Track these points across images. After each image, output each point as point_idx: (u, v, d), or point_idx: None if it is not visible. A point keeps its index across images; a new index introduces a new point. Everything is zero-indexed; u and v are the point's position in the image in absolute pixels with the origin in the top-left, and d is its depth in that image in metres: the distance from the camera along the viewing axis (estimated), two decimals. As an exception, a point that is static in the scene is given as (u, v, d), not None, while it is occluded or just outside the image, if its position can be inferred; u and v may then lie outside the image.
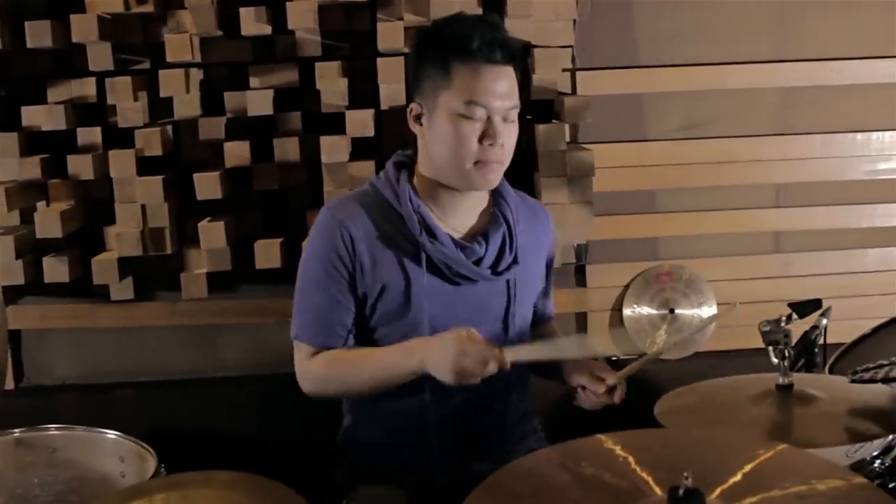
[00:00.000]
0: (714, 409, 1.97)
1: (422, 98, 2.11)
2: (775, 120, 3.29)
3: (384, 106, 2.88)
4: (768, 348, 2.01)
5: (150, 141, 2.87)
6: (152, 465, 2.13)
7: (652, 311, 3.30)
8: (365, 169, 2.87)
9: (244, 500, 1.52)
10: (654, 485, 1.42)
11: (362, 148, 2.92)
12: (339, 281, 2.11)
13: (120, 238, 2.91)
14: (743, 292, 3.30)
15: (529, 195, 2.42)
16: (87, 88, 2.95)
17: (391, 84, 2.84)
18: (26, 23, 2.80)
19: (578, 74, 3.15)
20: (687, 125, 3.27)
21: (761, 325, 2.02)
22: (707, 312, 3.29)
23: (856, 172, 3.31)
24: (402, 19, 2.86)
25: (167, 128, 2.96)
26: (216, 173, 2.86)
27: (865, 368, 1.90)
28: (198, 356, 3.20)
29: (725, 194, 3.31)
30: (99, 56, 2.88)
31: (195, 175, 2.86)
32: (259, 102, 2.88)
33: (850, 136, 3.29)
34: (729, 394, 2.02)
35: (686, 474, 1.32)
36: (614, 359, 3.10)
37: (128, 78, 2.88)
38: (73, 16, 2.80)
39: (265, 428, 3.09)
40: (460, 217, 2.18)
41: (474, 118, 2.04)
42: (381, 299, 2.13)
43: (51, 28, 2.79)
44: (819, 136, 3.29)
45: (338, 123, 2.89)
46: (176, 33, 2.90)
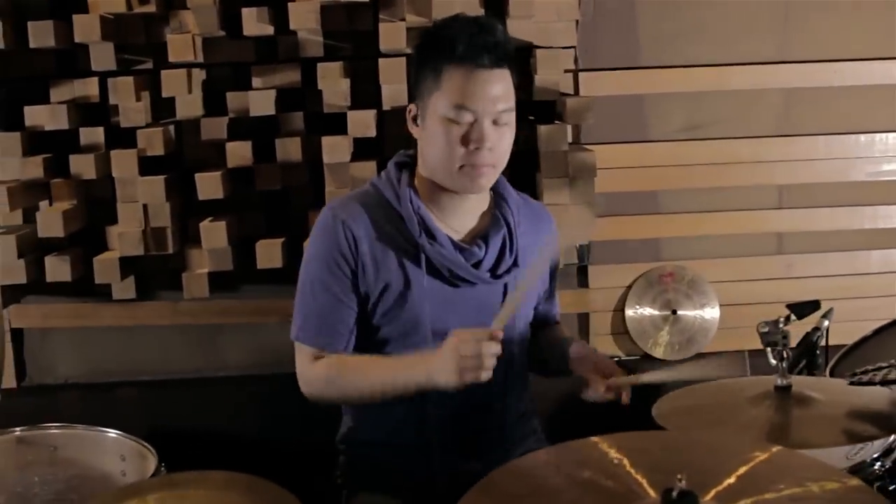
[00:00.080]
0: (712, 411, 1.97)
1: (419, 100, 2.11)
2: (778, 121, 3.28)
3: (386, 106, 2.88)
4: (767, 350, 2.01)
5: (153, 141, 2.88)
6: (153, 464, 2.13)
7: (654, 312, 3.30)
8: (366, 169, 2.87)
9: (239, 500, 1.52)
10: (649, 487, 1.42)
11: (364, 148, 2.92)
12: (342, 280, 2.10)
13: (122, 238, 2.91)
14: (745, 293, 3.30)
15: (531, 196, 2.41)
16: (90, 88, 2.95)
17: (393, 84, 2.84)
18: (29, 23, 2.80)
19: (581, 75, 3.15)
20: (689, 126, 3.26)
21: (760, 327, 2.02)
22: (709, 314, 3.29)
23: (859, 174, 3.30)
24: (404, 20, 2.86)
25: (169, 128, 2.96)
26: (217, 173, 2.86)
27: (864, 370, 1.90)
28: (199, 356, 3.21)
29: (728, 195, 3.30)
30: (101, 56, 2.88)
31: (197, 175, 2.86)
32: (261, 102, 2.89)
33: (854, 138, 3.28)
34: (727, 395, 2.02)
35: (680, 476, 1.33)
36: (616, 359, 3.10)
37: (130, 78, 2.88)
38: (76, 16, 2.80)
39: (266, 428, 3.09)
40: (460, 218, 2.17)
41: (462, 122, 2.03)
42: (382, 299, 2.12)
43: (53, 28, 2.79)
44: (822, 138, 3.28)
45: (340, 124, 2.89)
46: (178, 33, 2.90)
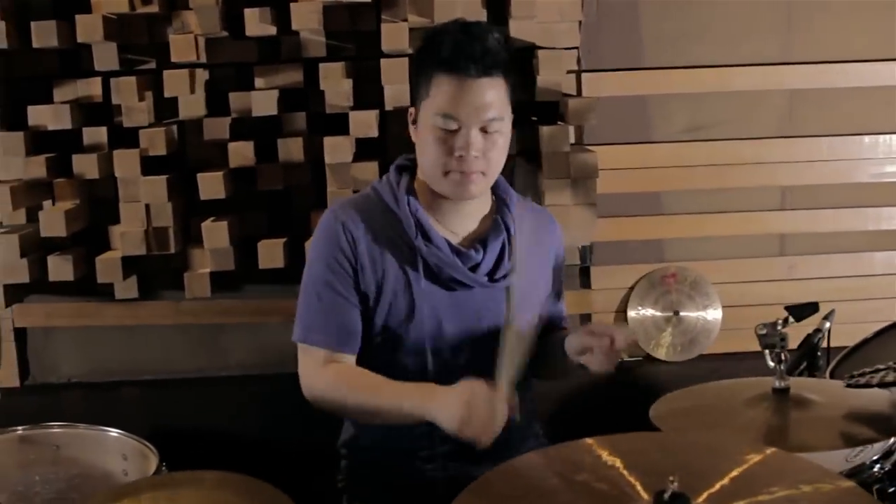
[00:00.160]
0: (710, 413, 1.97)
1: (415, 105, 2.13)
2: (781, 122, 3.27)
3: (388, 107, 2.88)
4: (764, 352, 2.01)
5: (155, 141, 2.88)
6: (154, 464, 2.14)
7: (656, 313, 3.29)
8: (368, 170, 2.87)
9: (231, 500, 1.52)
10: (642, 489, 1.42)
11: (366, 149, 2.92)
12: (345, 280, 2.11)
13: (124, 237, 2.91)
14: (747, 295, 3.29)
15: (532, 197, 2.41)
16: (93, 88, 2.95)
17: (395, 85, 2.84)
18: (32, 23, 2.80)
19: (584, 76, 3.14)
20: (692, 127, 3.25)
21: (758, 329, 2.02)
22: (712, 315, 3.29)
23: (862, 175, 3.29)
24: (407, 20, 2.86)
25: (172, 128, 2.96)
26: (220, 173, 2.86)
27: (861, 373, 1.90)
28: (201, 355, 3.21)
29: (731, 196, 3.29)
30: (104, 56, 2.89)
31: (198, 175, 2.86)
32: (264, 103, 2.89)
33: (857, 139, 3.27)
34: (725, 397, 2.02)
35: (672, 478, 1.33)
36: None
37: (133, 78, 2.88)
38: (79, 16, 2.80)
39: (268, 428, 3.09)
40: (459, 222, 2.18)
41: (447, 129, 2.04)
42: (380, 301, 2.12)
43: (56, 28, 2.80)
44: (825, 139, 3.27)
45: (342, 124, 2.88)
46: (181, 34, 2.90)
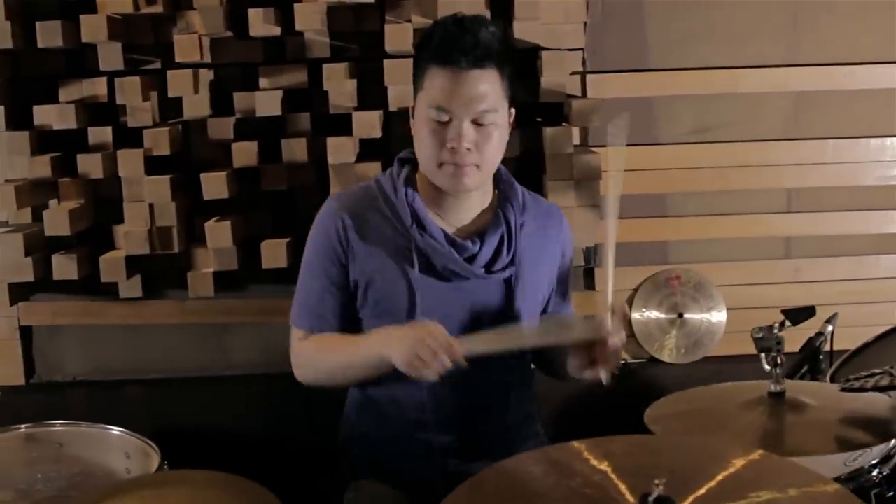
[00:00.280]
0: (705, 416, 1.97)
1: (414, 98, 2.16)
2: (787, 124, 3.25)
3: (392, 107, 2.89)
4: (760, 355, 2.00)
5: (159, 140, 2.89)
6: (156, 462, 2.15)
7: (660, 316, 3.29)
8: (372, 170, 2.86)
9: (219, 499, 1.53)
10: (628, 492, 1.41)
11: (370, 149, 2.92)
12: (332, 267, 2.17)
13: (128, 237, 2.92)
14: (752, 297, 3.28)
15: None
16: (98, 88, 2.96)
17: (399, 85, 2.84)
18: (37, 23, 2.82)
19: (589, 77, 3.13)
20: (698, 129, 3.24)
21: (754, 332, 2.02)
22: (716, 317, 3.28)
23: (868, 178, 3.27)
24: (410, 21, 2.86)
25: (176, 127, 2.97)
26: (223, 173, 2.87)
27: (857, 377, 1.89)
28: (205, 354, 3.21)
29: (736, 199, 3.28)
30: (109, 56, 2.90)
31: (202, 175, 2.87)
32: (268, 103, 2.90)
33: (863, 141, 3.25)
34: (721, 400, 2.02)
35: (657, 482, 1.32)
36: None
37: (137, 78, 2.89)
38: (84, 16, 2.81)
39: (271, 427, 3.10)
40: (458, 215, 2.20)
41: (440, 121, 2.07)
42: (373, 289, 2.15)
43: (62, 28, 2.81)
44: (831, 141, 3.25)
45: (346, 124, 2.89)
46: (185, 34, 2.91)
